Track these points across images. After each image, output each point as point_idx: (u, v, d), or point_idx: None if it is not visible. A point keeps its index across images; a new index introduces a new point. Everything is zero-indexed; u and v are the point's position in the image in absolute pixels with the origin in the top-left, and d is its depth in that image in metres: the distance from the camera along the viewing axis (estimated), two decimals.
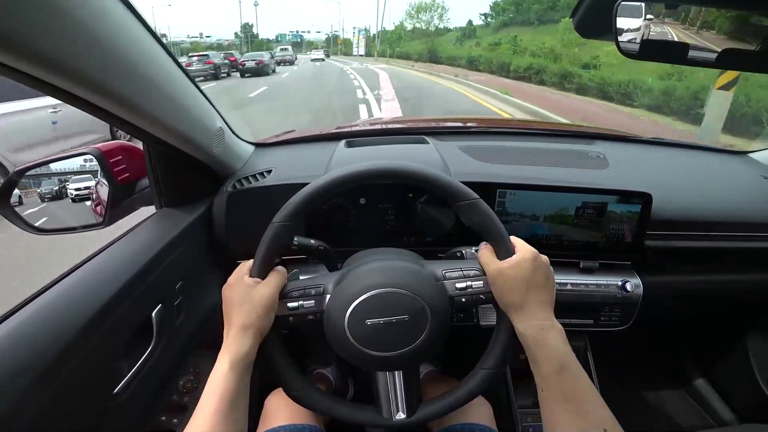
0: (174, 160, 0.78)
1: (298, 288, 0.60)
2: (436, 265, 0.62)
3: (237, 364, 0.54)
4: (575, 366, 0.53)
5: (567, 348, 0.54)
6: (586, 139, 1.21)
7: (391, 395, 0.62)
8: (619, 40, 0.70)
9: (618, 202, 0.88)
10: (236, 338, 0.55)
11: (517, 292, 0.55)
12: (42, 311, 0.53)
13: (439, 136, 1.14)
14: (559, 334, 0.54)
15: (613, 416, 0.51)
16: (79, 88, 0.47)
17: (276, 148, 1.13)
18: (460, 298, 0.59)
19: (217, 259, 0.92)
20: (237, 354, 0.54)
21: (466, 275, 0.60)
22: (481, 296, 0.59)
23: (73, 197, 0.82)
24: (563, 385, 0.53)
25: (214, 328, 0.65)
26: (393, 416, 0.61)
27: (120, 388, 0.60)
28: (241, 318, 0.55)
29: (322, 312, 0.59)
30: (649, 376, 1.44)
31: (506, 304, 0.56)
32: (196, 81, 0.73)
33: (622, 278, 0.93)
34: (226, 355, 0.55)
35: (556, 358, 0.53)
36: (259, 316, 0.55)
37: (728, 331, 1.26)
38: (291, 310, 0.59)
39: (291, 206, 0.58)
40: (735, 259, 1.01)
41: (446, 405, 0.61)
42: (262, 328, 0.56)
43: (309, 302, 0.59)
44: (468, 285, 0.59)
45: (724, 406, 1.28)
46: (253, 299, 0.55)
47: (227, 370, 0.54)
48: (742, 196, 1.03)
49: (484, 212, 0.58)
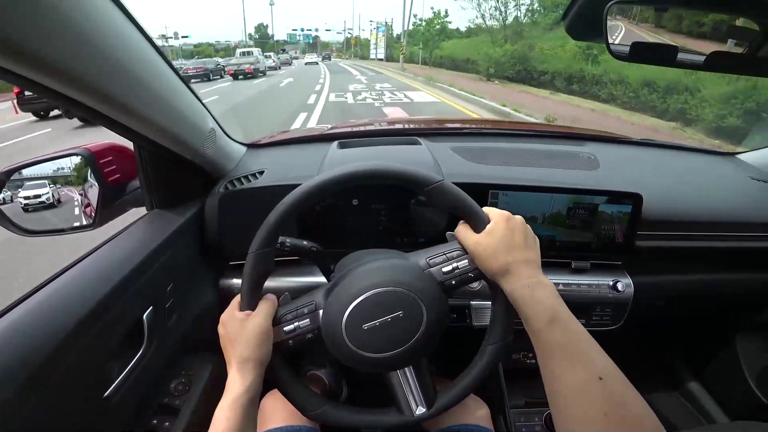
0: (165, 160, 0.78)
1: (290, 310, 0.60)
2: (419, 255, 0.62)
3: (239, 399, 0.54)
4: (567, 318, 0.51)
5: (557, 302, 0.52)
6: (577, 141, 1.22)
7: (407, 392, 0.62)
8: (609, 43, 0.71)
9: (609, 203, 0.89)
10: (237, 374, 0.55)
11: (498, 257, 0.55)
12: (32, 312, 0.53)
13: (432, 137, 1.15)
14: (548, 289, 0.54)
15: (611, 363, 0.49)
16: (69, 88, 0.46)
17: (268, 149, 1.12)
18: (450, 281, 0.59)
19: (210, 260, 0.91)
20: (239, 389, 0.54)
21: (450, 257, 0.60)
22: (470, 274, 0.59)
23: (24, 206, 0.77)
24: (554, 337, 0.50)
25: (206, 330, 0.65)
26: (414, 412, 0.62)
27: (111, 390, 0.59)
28: (237, 353, 0.55)
29: (319, 329, 0.59)
30: (641, 375, 1.43)
31: (492, 272, 0.56)
32: (188, 82, 0.72)
33: (613, 278, 0.94)
34: (229, 391, 0.54)
35: (544, 311, 0.51)
36: (254, 347, 0.55)
37: (718, 330, 1.28)
38: (288, 334, 0.58)
39: (263, 232, 0.57)
40: (724, 259, 1.03)
41: (461, 389, 0.62)
42: (260, 359, 0.56)
43: (304, 321, 0.59)
44: (454, 267, 0.59)
45: (714, 405, 1.29)
46: (245, 332, 0.55)
47: (229, 406, 0.53)
48: (730, 197, 1.05)
49: (451, 192, 0.58)
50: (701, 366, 1.36)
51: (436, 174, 0.59)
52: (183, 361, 0.82)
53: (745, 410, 1.19)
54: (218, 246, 0.90)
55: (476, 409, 0.81)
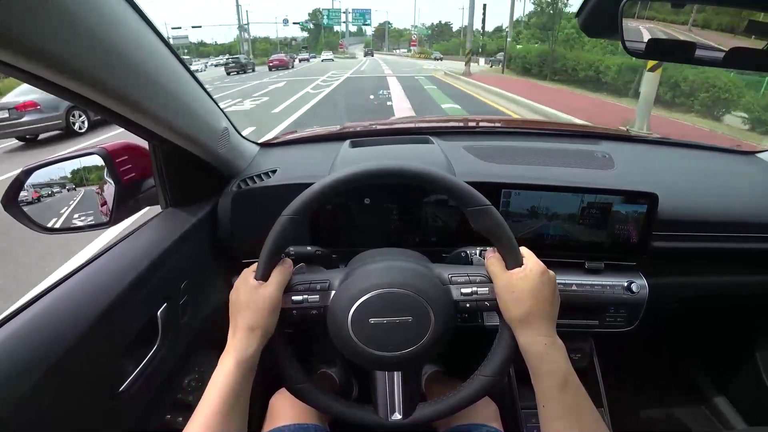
0: (179, 159, 0.79)
1: (303, 282, 0.60)
2: (442, 269, 0.62)
3: (241, 365, 0.55)
4: (577, 382, 0.54)
5: (569, 365, 0.54)
6: (592, 139, 1.20)
7: (388, 396, 0.62)
8: (625, 39, 0.70)
9: (624, 203, 0.87)
10: (242, 339, 0.56)
11: (524, 304, 0.54)
12: (48, 309, 0.54)
13: (444, 136, 1.14)
14: (562, 351, 0.55)
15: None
16: (85, 87, 0.47)
17: (281, 148, 1.13)
18: (465, 303, 0.59)
19: (222, 258, 0.92)
20: (242, 355, 0.55)
21: (472, 281, 0.60)
22: (486, 303, 0.59)
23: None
24: (565, 400, 0.53)
25: (219, 327, 0.66)
26: (389, 416, 0.62)
27: (125, 386, 0.60)
28: (247, 320, 0.56)
29: (326, 308, 0.59)
30: (655, 377, 1.43)
31: (511, 317, 0.56)
32: (201, 81, 0.73)
33: (627, 279, 0.93)
34: (232, 355, 0.55)
35: (557, 373, 0.53)
36: (264, 317, 0.56)
37: (735, 333, 1.25)
38: (295, 304, 0.59)
39: (301, 200, 0.57)
40: (742, 260, 1.00)
41: (442, 409, 0.62)
42: (267, 329, 0.57)
43: (314, 297, 0.59)
44: (473, 291, 0.59)
45: (731, 409, 1.27)
46: (258, 300, 0.56)
47: (232, 370, 0.54)
48: (749, 197, 1.02)
49: (495, 219, 0.57)
50: (716, 368, 1.34)
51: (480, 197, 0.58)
52: (196, 357, 0.83)
53: (762, 415, 1.16)
54: (231, 244, 0.91)
55: (486, 409, 0.80)
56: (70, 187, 0.81)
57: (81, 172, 0.81)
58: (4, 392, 0.44)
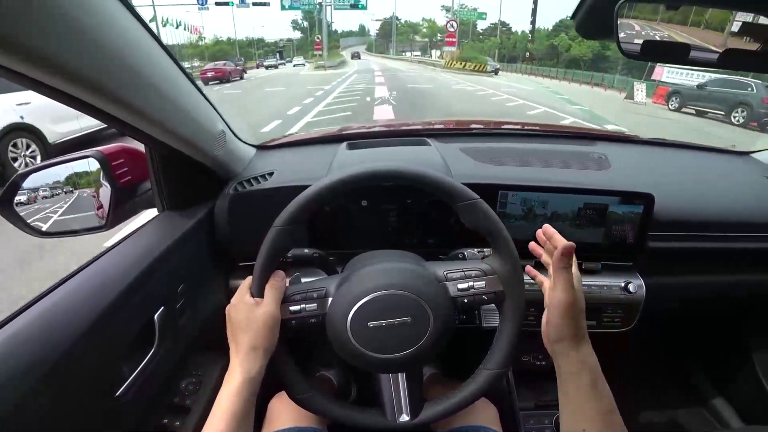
0: (176, 162, 0.79)
1: (300, 291, 0.60)
2: (437, 266, 0.62)
3: (246, 385, 0.54)
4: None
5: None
6: (588, 140, 1.20)
7: (394, 397, 0.62)
8: (620, 41, 0.70)
9: (620, 203, 0.88)
10: (246, 359, 0.55)
11: (578, 320, 0.55)
12: (46, 313, 0.54)
13: (441, 138, 1.14)
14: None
15: None
16: (80, 90, 0.47)
17: (278, 151, 1.13)
18: (463, 299, 0.59)
19: (220, 261, 0.92)
20: (247, 375, 0.55)
21: (468, 275, 0.60)
22: (484, 297, 0.59)
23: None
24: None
25: (216, 330, 0.66)
26: (397, 418, 0.61)
27: (123, 389, 0.60)
28: (248, 340, 0.56)
29: (324, 315, 0.59)
30: (652, 377, 1.43)
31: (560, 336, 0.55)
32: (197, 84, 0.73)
33: (624, 279, 0.93)
34: (238, 375, 0.55)
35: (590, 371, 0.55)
36: (266, 336, 0.56)
37: (732, 332, 1.25)
38: (293, 314, 0.59)
39: (291, 209, 0.57)
40: (738, 260, 1.01)
41: (449, 406, 0.61)
42: (269, 347, 0.57)
43: (311, 305, 0.59)
44: (470, 285, 0.59)
45: (728, 408, 1.27)
46: (257, 320, 0.56)
47: (237, 390, 0.54)
48: (744, 197, 1.03)
49: (484, 213, 0.58)
50: (714, 367, 1.34)
51: (469, 192, 0.59)
52: (193, 360, 0.83)
53: (759, 413, 1.17)
54: (228, 247, 0.91)
55: (484, 410, 0.80)
56: (67, 191, 0.81)
57: (77, 175, 0.81)
58: (4, 393, 0.44)
